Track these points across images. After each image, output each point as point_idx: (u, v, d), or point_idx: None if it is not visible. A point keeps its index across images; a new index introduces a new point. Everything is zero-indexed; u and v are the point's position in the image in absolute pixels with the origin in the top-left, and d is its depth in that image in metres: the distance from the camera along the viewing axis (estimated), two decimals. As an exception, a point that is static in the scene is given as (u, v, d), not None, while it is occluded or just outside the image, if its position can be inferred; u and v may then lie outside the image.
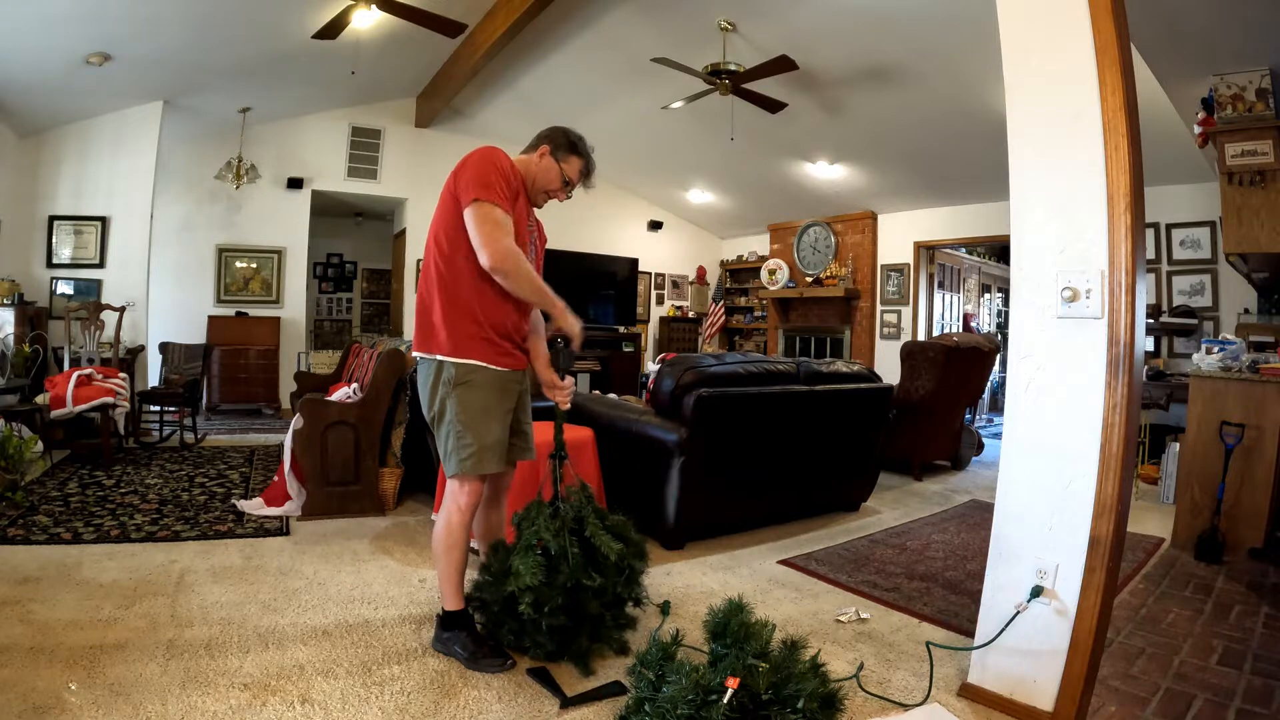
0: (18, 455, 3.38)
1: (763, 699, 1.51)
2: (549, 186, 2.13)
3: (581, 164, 2.16)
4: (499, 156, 2.00)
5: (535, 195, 2.15)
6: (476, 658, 1.97)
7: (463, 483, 2.00)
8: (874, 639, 2.27)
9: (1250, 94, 3.39)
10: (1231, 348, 3.47)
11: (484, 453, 1.99)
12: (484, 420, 1.99)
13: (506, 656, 1.98)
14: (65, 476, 3.93)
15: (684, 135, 6.98)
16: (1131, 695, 1.89)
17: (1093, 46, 1.65)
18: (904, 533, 3.53)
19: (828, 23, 4.72)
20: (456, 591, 2.05)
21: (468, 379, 1.97)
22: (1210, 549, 3.12)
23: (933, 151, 6.26)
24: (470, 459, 1.97)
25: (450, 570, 2.04)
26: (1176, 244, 5.62)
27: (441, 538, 2.03)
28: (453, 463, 1.99)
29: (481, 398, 1.99)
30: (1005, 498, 1.87)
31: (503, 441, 2.05)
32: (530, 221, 2.14)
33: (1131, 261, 1.61)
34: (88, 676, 1.79)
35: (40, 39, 4.45)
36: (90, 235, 5.85)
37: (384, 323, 10.08)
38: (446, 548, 2.03)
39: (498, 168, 1.96)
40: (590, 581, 1.98)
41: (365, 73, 5.84)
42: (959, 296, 8.41)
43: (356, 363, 4.49)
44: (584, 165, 2.17)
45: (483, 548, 2.23)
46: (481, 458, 1.98)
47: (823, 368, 3.68)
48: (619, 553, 2.05)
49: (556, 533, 2.03)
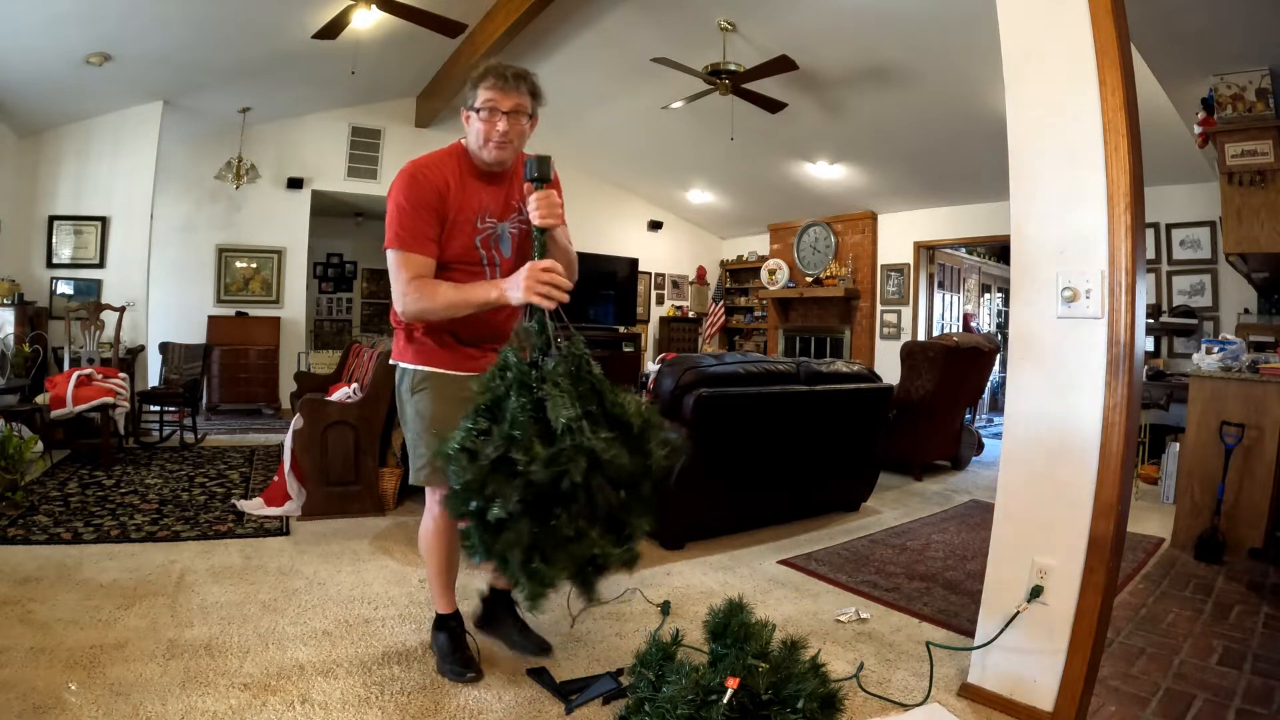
0: (18, 455, 3.38)
1: (762, 699, 1.50)
2: (484, 141, 1.76)
3: (485, 85, 1.73)
4: (400, 181, 1.77)
5: (489, 162, 1.80)
6: (443, 662, 1.94)
7: (430, 491, 1.92)
8: (874, 639, 2.27)
9: (1250, 94, 3.39)
10: (1231, 348, 3.47)
11: (436, 463, 1.72)
12: (437, 430, 1.80)
13: (469, 669, 1.89)
14: (65, 476, 3.93)
15: (684, 135, 6.98)
16: (1131, 695, 1.89)
17: (1093, 46, 1.65)
18: (904, 533, 3.53)
19: (828, 23, 4.72)
20: (440, 594, 2.00)
21: (421, 387, 1.89)
22: (1210, 549, 3.12)
23: (933, 151, 6.26)
24: (423, 470, 1.86)
25: (431, 574, 2.00)
26: (1176, 244, 5.62)
27: (421, 543, 2.00)
28: (411, 472, 1.93)
29: (435, 407, 1.86)
30: (1005, 498, 1.87)
31: None
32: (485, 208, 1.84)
33: (1131, 261, 1.61)
34: (88, 676, 1.79)
35: (40, 39, 4.45)
36: (90, 235, 5.85)
37: (384, 323, 10.07)
38: (425, 551, 1.99)
39: (396, 198, 1.75)
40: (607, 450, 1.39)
41: (365, 73, 5.84)
42: (959, 296, 8.41)
43: (356, 363, 4.49)
44: (489, 83, 1.73)
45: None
46: (434, 469, 1.78)
47: (823, 368, 3.68)
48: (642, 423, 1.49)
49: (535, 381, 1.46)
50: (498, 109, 1.73)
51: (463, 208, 1.81)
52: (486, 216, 1.85)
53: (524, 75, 1.76)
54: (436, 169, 1.78)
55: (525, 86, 1.76)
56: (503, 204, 1.88)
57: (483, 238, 1.85)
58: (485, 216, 1.85)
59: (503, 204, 1.88)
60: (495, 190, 1.86)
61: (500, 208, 1.88)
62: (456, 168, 1.81)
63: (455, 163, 1.82)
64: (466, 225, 1.81)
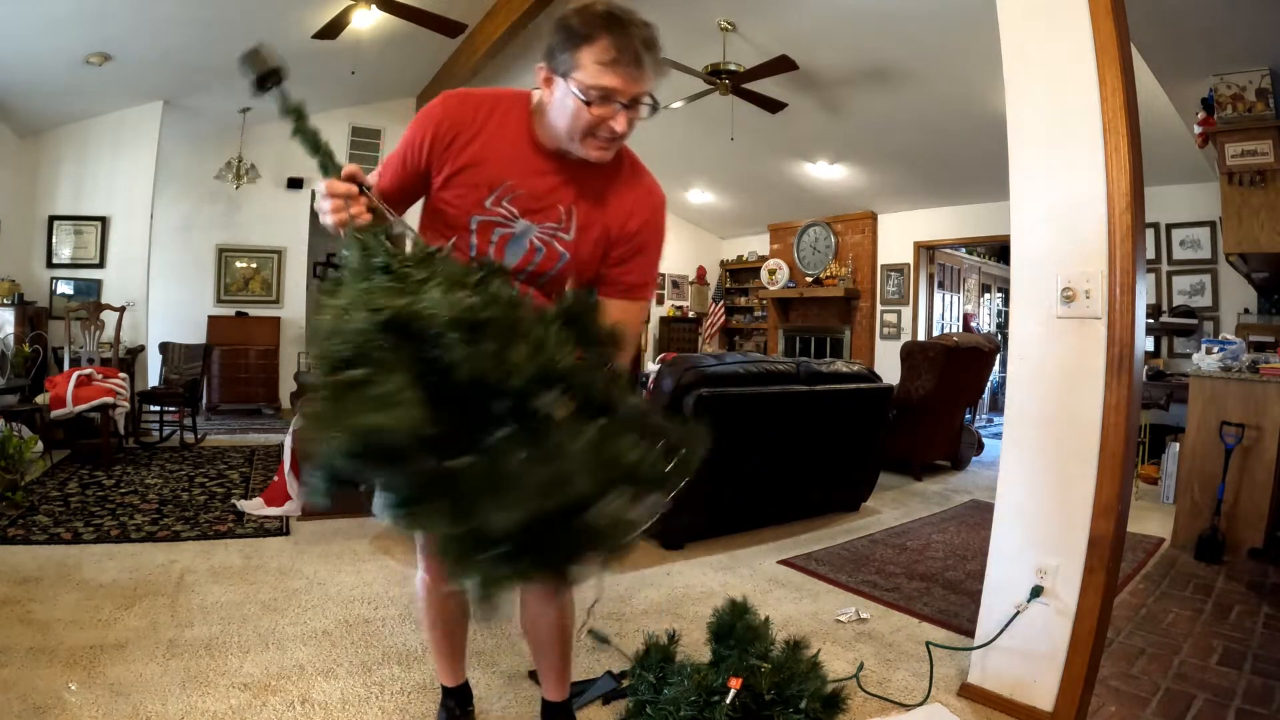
0: (18, 455, 3.38)
1: (765, 699, 1.51)
2: (581, 134, 1.17)
3: (598, 51, 1.10)
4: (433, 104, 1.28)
5: (573, 152, 1.21)
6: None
7: None
8: (874, 639, 2.27)
9: (1250, 94, 3.39)
10: (1231, 348, 3.47)
11: None
12: None
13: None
14: (65, 476, 3.93)
15: (684, 135, 6.97)
16: (1131, 695, 1.89)
17: (1093, 46, 1.65)
18: (904, 533, 3.53)
19: (828, 23, 4.72)
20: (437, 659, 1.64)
21: None
22: (1210, 549, 3.12)
23: (933, 151, 6.26)
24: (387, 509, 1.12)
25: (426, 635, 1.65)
26: (1176, 244, 5.62)
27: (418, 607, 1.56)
28: None
29: None
30: (1005, 498, 1.87)
31: None
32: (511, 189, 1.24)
33: (1131, 261, 1.61)
34: (88, 676, 1.79)
35: (40, 39, 4.45)
36: (90, 235, 5.85)
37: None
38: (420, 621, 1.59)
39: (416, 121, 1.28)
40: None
41: (365, 73, 5.84)
42: (959, 296, 8.41)
43: (356, 363, 4.49)
44: (606, 52, 1.10)
45: (530, 643, 1.59)
46: None
47: (823, 368, 3.68)
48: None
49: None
50: (615, 98, 1.12)
51: (477, 166, 1.24)
52: (507, 201, 1.25)
53: (654, 42, 1.14)
54: (473, 108, 1.25)
55: (656, 59, 1.15)
56: (548, 198, 1.25)
57: (482, 222, 1.26)
58: (505, 200, 1.25)
59: (548, 198, 1.25)
60: (549, 177, 1.25)
61: (542, 203, 1.26)
62: (505, 122, 1.25)
63: (508, 116, 1.25)
64: (467, 192, 1.25)
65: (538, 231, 1.28)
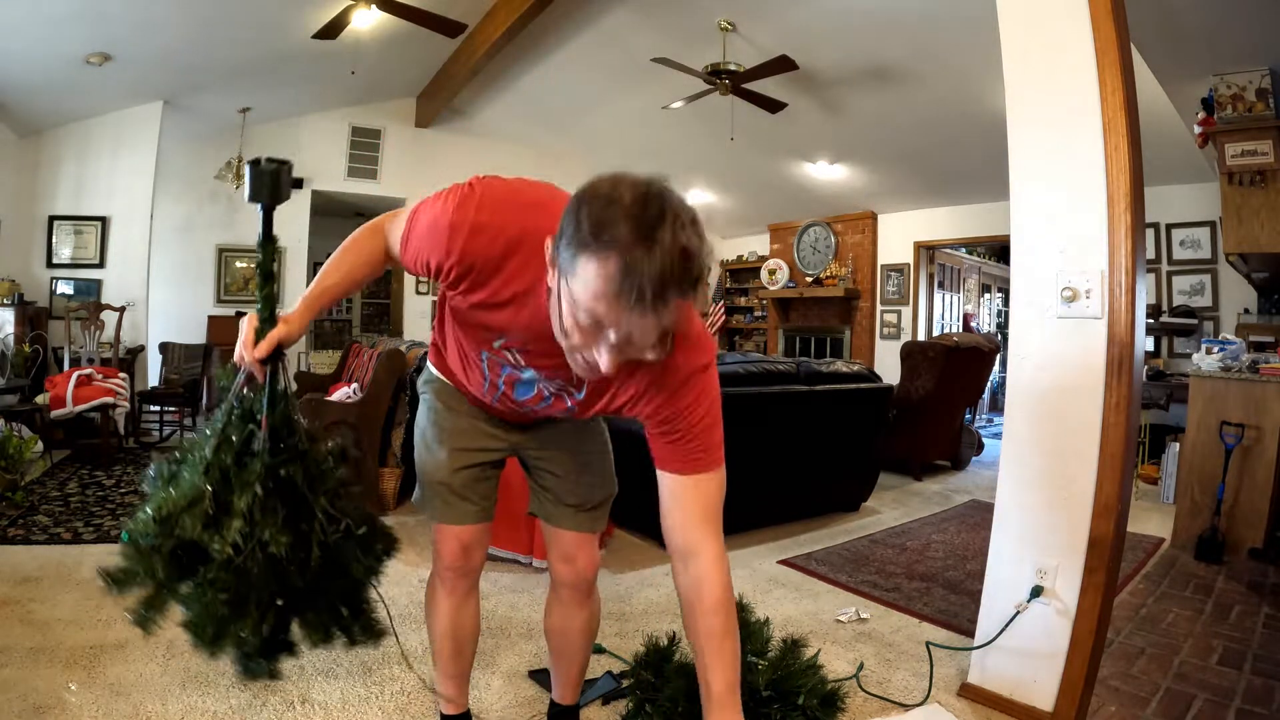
0: (18, 455, 3.38)
1: (763, 695, 1.51)
2: (563, 343, 0.96)
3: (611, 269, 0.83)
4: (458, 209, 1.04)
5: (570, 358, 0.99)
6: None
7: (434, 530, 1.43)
8: (874, 639, 2.27)
9: (1250, 94, 3.39)
10: (1231, 348, 3.47)
11: (431, 491, 1.39)
12: (431, 446, 1.39)
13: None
14: (65, 476, 3.93)
15: (684, 135, 6.97)
16: (1131, 695, 1.89)
17: (1093, 46, 1.65)
18: (904, 533, 3.53)
19: (828, 23, 4.72)
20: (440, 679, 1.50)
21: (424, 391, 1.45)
22: (1210, 549, 3.12)
23: (933, 151, 6.26)
24: (420, 497, 1.42)
25: (431, 645, 1.50)
26: (1176, 244, 5.62)
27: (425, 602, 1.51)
28: None
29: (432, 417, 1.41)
30: (1005, 497, 1.87)
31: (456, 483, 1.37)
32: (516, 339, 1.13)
33: (1131, 261, 1.61)
34: (88, 676, 1.79)
35: (40, 39, 4.45)
36: (90, 235, 5.85)
37: (384, 323, 10.07)
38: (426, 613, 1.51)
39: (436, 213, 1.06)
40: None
41: (365, 73, 5.84)
42: (959, 296, 8.42)
43: (356, 362, 4.49)
44: (616, 270, 0.83)
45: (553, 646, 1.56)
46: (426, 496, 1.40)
47: (823, 368, 3.68)
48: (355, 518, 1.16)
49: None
50: (602, 329, 0.89)
51: (488, 311, 1.10)
52: (513, 350, 1.16)
53: (676, 275, 0.87)
54: (487, 242, 1.03)
55: (682, 291, 0.89)
56: (560, 358, 1.01)
57: (492, 357, 1.21)
58: (511, 349, 1.16)
59: (560, 358, 1.01)
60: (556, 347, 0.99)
61: (553, 360, 1.07)
62: (520, 274, 1.04)
63: (524, 269, 1.04)
64: (476, 330, 1.18)
65: (545, 382, 1.20)
